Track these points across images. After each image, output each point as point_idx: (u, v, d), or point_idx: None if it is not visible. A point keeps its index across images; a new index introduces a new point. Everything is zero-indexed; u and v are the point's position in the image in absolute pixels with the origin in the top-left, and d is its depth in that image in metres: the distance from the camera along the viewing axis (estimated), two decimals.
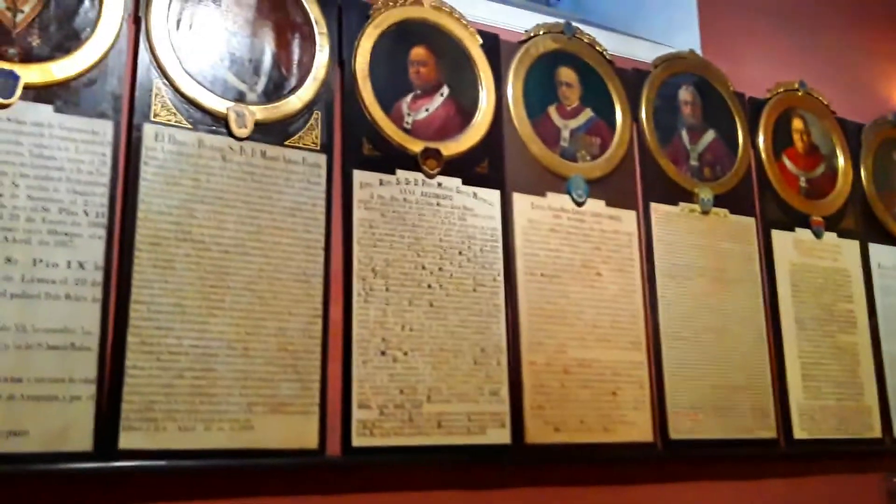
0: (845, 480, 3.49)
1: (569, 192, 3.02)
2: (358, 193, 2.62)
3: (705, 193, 3.36)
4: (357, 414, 2.47)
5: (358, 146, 2.67)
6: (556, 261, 2.94)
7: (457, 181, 2.80)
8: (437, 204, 2.75)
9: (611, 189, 3.13)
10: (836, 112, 3.92)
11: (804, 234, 3.65)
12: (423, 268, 2.67)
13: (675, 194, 3.30)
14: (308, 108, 2.60)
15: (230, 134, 2.46)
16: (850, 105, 4.00)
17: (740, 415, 3.23)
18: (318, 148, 2.59)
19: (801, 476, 3.37)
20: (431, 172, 2.74)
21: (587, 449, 2.83)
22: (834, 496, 3.43)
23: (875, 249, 3.87)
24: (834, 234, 3.75)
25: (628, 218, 3.16)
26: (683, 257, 3.25)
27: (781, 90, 3.77)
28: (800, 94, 3.82)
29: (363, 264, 2.57)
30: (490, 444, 2.64)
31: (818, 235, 3.68)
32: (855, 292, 3.74)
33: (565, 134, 3.09)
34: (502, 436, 2.67)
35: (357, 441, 2.45)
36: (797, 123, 3.79)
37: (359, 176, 2.64)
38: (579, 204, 3.03)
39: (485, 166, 2.87)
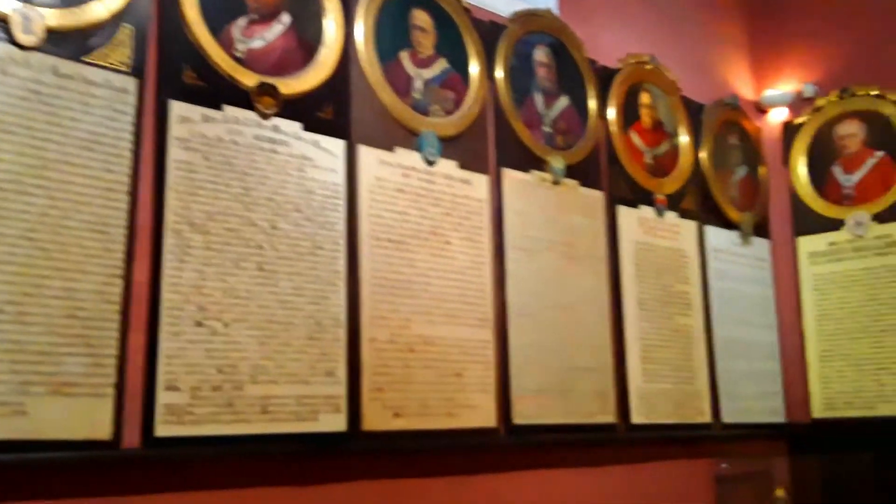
0: (679, 466, 3.43)
1: (420, 150, 2.69)
2: (175, 129, 2.15)
3: (557, 162, 3.14)
4: (163, 397, 2.02)
5: (177, 73, 2.20)
6: (403, 225, 2.61)
7: (296, 126, 2.39)
8: (273, 150, 2.33)
9: (463, 150, 2.84)
10: (681, 90, 3.83)
11: (648, 211, 3.53)
12: (253, 224, 2.25)
13: (527, 161, 3.06)
14: (116, 20, 2.09)
15: (13, 41, 1.92)
16: (694, 85, 3.94)
17: (583, 398, 3.06)
18: (128, 70, 2.10)
19: (638, 462, 3.25)
20: (267, 112, 2.32)
21: (429, 436, 2.54)
22: (668, 482, 3.35)
23: (711, 232, 3.84)
24: (674, 214, 3.67)
25: (480, 183, 2.88)
26: (534, 229, 3.03)
27: (633, 62, 3.63)
28: (649, 67, 3.70)
29: (178, 216, 2.12)
30: (323, 433, 2.28)
31: (660, 214, 3.59)
32: (692, 274, 3.69)
33: (418, 84, 2.75)
34: (337, 422, 2.32)
35: (161, 430, 2.01)
36: (645, 98, 3.67)
37: (177, 108, 2.17)
38: (430, 163, 2.71)
39: (329, 112, 2.48)
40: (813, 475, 3.87)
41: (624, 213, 3.42)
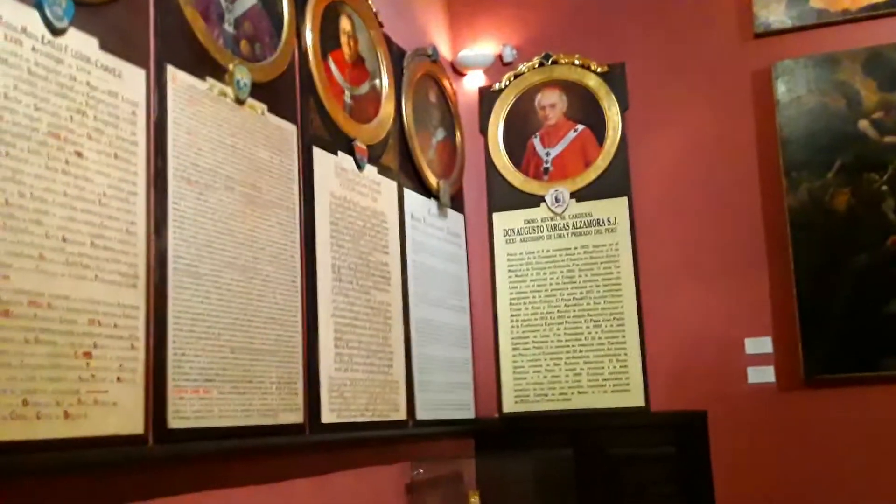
0: (370, 474, 2.78)
1: (40, 5, 1.73)
2: None
3: (242, 74, 2.33)
4: None
5: None
6: (8, 116, 1.63)
7: None
8: None
9: (109, 25, 1.91)
10: (383, 25, 3.22)
11: (347, 161, 2.85)
12: None
13: (202, 64, 2.21)
14: None
15: None
16: (396, 26, 3.35)
17: (264, 391, 2.28)
18: None
19: (325, 472, 2.55)
20: None
21: (36, 450, 1.58)
22: (357, 495, 2.68)
23: (409, 197, 3.27)
24: (375, 169, 3.03)
25: (134, 79, 1.97)
26: (209, 158, 2.19)
27: None
28: None
29: None
30: None
31: (360, 167, 2.92)
32: (391, 243, 3.08)
33: None
34: None
35: None
36: (345, 24, 2.99)
37: None
38: (55, 32, 1.76)
39: None
40: (505, 476, 3.44)
41: (320, 157, 2.70)
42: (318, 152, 2.69)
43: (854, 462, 3.18)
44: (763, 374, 3.35)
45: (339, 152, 2.82)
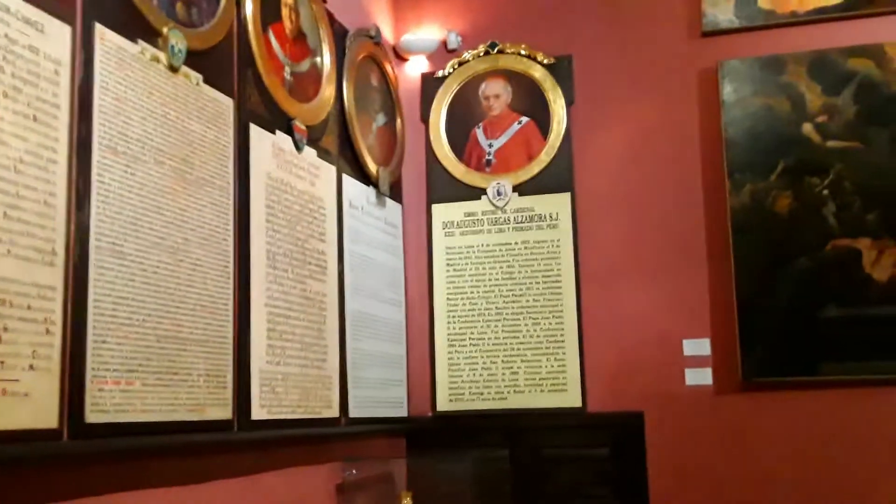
0: (300, 475, 2.63)
1: None
2: None
3: (177, 40, 2.15)
4: None
5: None
6: None
7: None
8: None
9: None
10: (326, 1, 3.06)
11: (285, 141, 2.69)
12: None
13: (133, 24, 2.02)
14: None
15: None
16: (340, 3, 3.19)
17: (191, 384, 2.10)
18: None
19: (254, 472, 2.38)
20: None
21: None
22: (289, 495, 2.52)
23: (348, 183, 3.12)
24: (314, 152, 2.87)
25: (58, 35, 1.77)
26: (138, 127, 2.00)
27: None
28: None
29: None
30: None
31: (299, 147, 2.76)
32: (329, 230, 2.93)
33: None
34: None
35: None
36: None
37: None
38: None
39: None
40: (438, 476, 3.32)
41: (257, 135, 2.53)
42: (255, 129, 2.52)
43: (790, 467, 3.17)
44: (700, 376, 3.32)
45: (278, 131, 2.65)
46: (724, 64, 3.39)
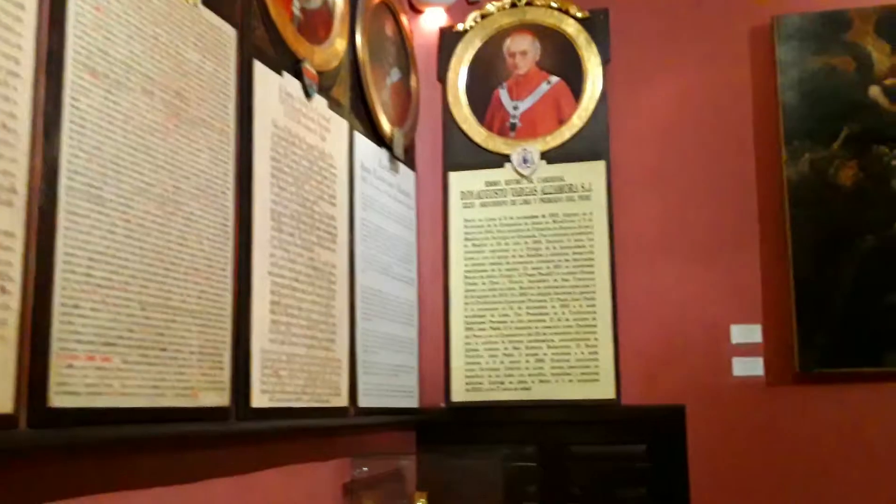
0: (306, 472, 2.26)
1: None
2: None
3: None
4: None
5: None
6: None
7: None
8: None
9: None
10: None
11: (293, 85, 2.32)
12: None
13: None
14: None
15: None
16: None
17: (182, 362, 1.74)
18: None
19: (253, 470, 2.01)
20: None
21: None
22: (290, 496, 2.16)
23: (360, 142, 2.75)
24: (325, 102, 2.50)
25: None
26: (121, 48, 1.62)
27: None
28: None
29: None
30: None
31: (309, 94, 2.39)
32: (339, 193, 2.56)
33: None
34: None
35: None
36: None
37: None
38: None
39: None
40: (451, 475, 2.96)
41: (262, 74, 2.15)
42: (259, 67, 2.14)
43: (851, 468, 2.85)
44: (750, 366, 2.98)
45: (285, 73, 2.27)
46: (780, 19, 3.05)
